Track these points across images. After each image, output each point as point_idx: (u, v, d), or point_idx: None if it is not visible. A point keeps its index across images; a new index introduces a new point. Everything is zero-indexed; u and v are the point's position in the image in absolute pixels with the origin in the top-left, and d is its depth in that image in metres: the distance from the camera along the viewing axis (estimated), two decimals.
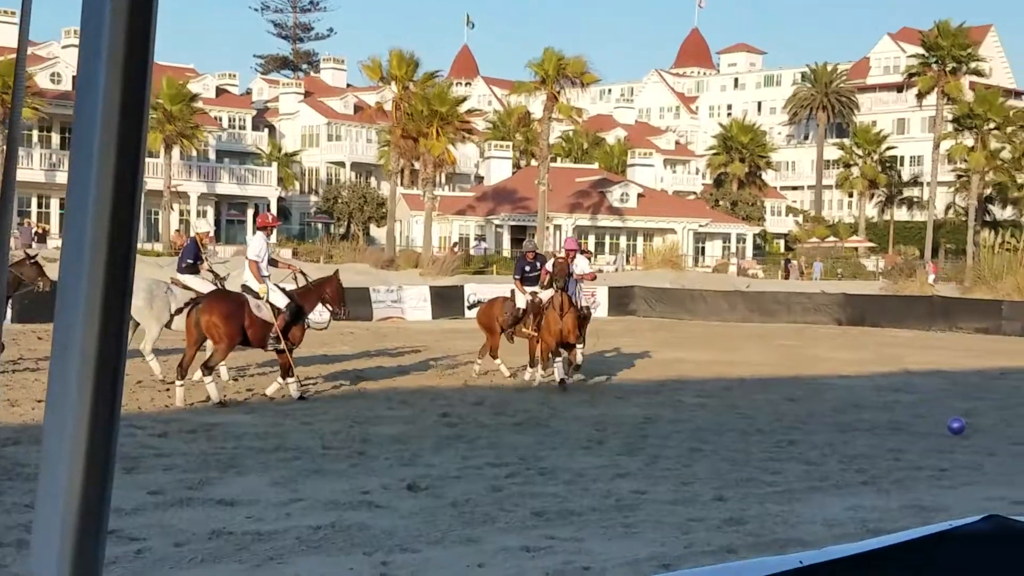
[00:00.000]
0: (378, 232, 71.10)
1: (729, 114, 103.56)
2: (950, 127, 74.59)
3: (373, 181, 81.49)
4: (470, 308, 19.31)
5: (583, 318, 17.33)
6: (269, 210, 51.36)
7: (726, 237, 78.88)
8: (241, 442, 11.46)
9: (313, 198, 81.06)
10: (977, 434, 13.02)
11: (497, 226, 72.72)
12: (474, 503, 8.72)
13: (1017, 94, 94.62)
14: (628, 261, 71.55)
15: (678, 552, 7.34)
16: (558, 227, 71.62)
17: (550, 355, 17.10)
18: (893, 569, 3.02)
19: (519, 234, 72.79)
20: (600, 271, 65.67)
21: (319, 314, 16.22)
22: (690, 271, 66.64)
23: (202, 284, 16.49)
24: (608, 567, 6.87)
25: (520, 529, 7.95)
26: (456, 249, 65.69)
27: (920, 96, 77.23)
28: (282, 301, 14.95)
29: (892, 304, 38.14)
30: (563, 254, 17.72)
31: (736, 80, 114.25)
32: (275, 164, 73.96)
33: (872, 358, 23.62)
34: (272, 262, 15.56)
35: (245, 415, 13.58)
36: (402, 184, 69.71)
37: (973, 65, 76.19)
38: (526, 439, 12.18)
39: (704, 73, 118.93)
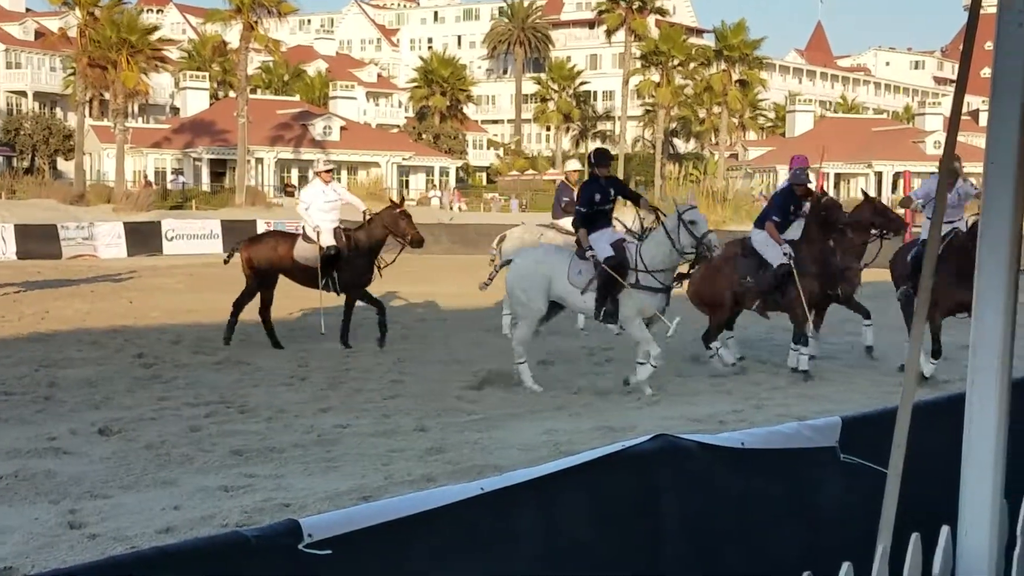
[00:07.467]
0: (66, 166, 67.45)
1: (430, 47, 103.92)
2: (638, 63, 77.80)
3: (59, 112, 77.07)
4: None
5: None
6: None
7: (430, 170, 79.48)
8: None
9: None
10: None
11: (195, 159, 70.37)
12: (170, 444, 8.49)
13: (699, 32, 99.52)
14: None
15: (378, 483, 7.41)
16: (260, 160, 70.09)
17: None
18: (568, 489, 3.17)
19: (219, 167, 70.82)
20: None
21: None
22: None
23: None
24: (308, 502, 6.86)
25: (218, 469, 7.82)
26: (153, 184, 63.12)
27: (609, 33, 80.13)
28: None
29: None
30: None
31: (436, 13, 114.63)
32: None
33: None
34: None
35: None
36: (91, 115, 66.18)
37: (657, 4, 79.64)
38: (227, 378, 11.94)
39: (404, 5, 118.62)
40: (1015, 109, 2.87)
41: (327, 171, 15.10)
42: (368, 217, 14.77)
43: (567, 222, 15.61)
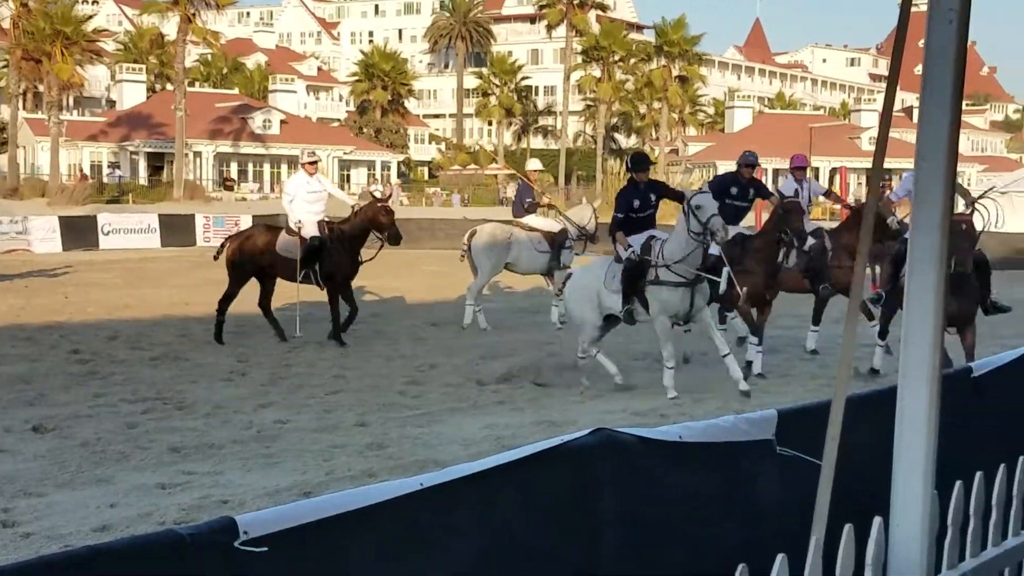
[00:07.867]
0: None
1: (371, 41, 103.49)
2: (579, 59, 78.05)
3: None
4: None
5: None
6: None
7: (371, 165, 79.16)
8: None
9: None
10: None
11: (132, 153, 69.51)
12: (106, 442, 8.39)
13: (639, 28, 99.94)
14: (272, 189, 70.39)
15: (319, 479, 7.38)
16: (198, 154, 69.38)
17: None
18: (508, 484, 3.17)
19: (156, 161, 69.97)
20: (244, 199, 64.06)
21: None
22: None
23: (546, 223, 15.58)
24: (247, 499, 6.81)
25: (156, 466, 7.73)
26: (89, 177, 62.23)
27: (551, 28, 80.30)
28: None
29: None
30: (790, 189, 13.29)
31: (377, 7, 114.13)
32: None
33: (519, 280, 24.35)
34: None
35: None
36: (25, 108, 65.16)
37: None
38: (164, 374, 11.82)
39: None
40: (945, 106, 2.91)
41: (311, 163, 14.94)
42: (354, 211, 14.67)
43: (531, 219, 16.12)
